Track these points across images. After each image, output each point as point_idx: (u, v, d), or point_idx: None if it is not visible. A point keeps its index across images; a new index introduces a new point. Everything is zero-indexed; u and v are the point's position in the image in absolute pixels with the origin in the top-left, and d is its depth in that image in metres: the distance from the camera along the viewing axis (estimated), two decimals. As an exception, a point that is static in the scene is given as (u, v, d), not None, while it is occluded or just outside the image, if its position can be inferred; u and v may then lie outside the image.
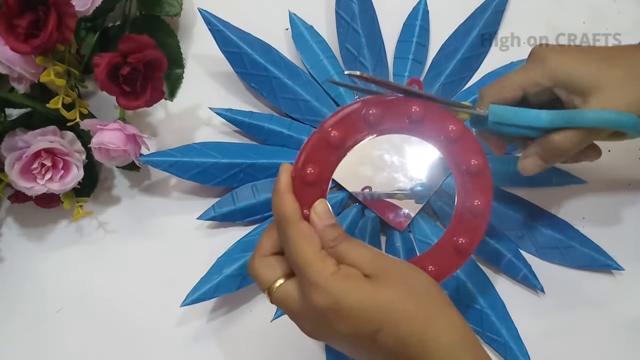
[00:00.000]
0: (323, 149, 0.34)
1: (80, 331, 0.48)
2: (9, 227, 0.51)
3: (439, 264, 0.36)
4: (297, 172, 0.34)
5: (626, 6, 0.58)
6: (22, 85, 0.46)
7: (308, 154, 0.34)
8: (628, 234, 0.49)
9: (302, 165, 0.34)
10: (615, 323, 0.47)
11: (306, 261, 0.31)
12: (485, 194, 0.36)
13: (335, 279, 0.30)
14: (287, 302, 0.32)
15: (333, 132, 0.34)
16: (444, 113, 0.36)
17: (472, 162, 0.36)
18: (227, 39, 0.51)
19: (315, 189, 0.34)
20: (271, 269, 0.33)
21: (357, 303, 0.30)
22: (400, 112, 0.35)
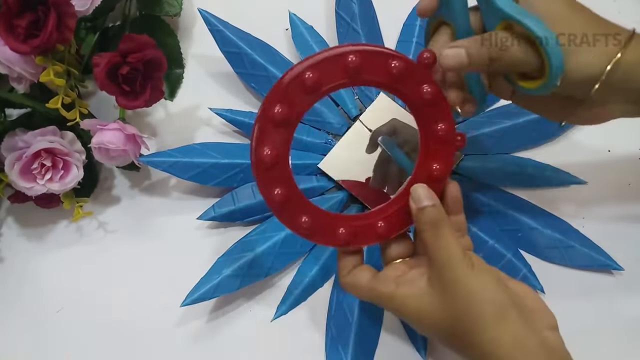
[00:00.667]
0: (296, 90, 0.33)
1: (80, 331, 0.48)
2: (9, 227, 0.51)
3: (389, 221, 0.37)
4: (264, 111, 0.33)
5: (626, 6, 0.58)
6: (21, 85, 0.46)
7: (278, 93, 0.33)
8: (628, 234, 0.49)
9: (271, 104, 0.33)
10: (616, 323, 0.47)
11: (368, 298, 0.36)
12: (445, 161, 0.36)
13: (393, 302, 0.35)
14: None
15: (308, 74, 0.33)
16: (423, 74, 0.34)
17: (439, 127, 0.35)
18: (227, 39, 0.51)
19: (282, 129, 0.34)
20: None
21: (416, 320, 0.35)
22: (380, 65, 0.34)
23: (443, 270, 0.32)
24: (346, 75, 0.33)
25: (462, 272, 0.32)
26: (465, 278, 0.32)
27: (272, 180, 0.35)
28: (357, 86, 0.35)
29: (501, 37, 0.33)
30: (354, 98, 0.52)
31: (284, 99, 0.33)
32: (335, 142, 0.51)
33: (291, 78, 0.33)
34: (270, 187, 0.35)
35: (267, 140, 0.34)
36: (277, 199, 0.35)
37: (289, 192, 0.35)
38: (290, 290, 0.47)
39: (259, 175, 0.34)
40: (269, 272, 0.47)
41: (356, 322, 0.45)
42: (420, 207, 0.34)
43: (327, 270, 0.48)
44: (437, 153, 0.36)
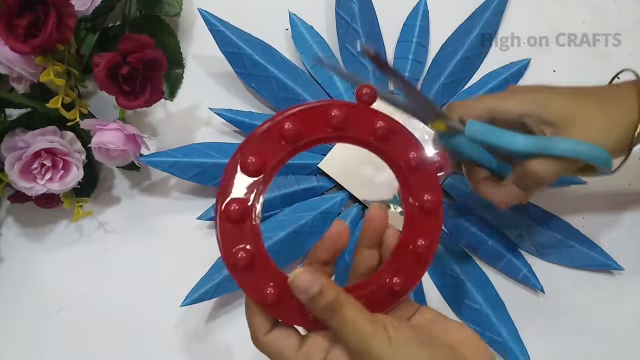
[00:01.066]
0: (273, 139, 0.30)
1: (80, 331, 0.48)
2: (9, 227, 0.51)
3: (404, 274, 0.32)
4: (236, 160, 0.30)
5: (626, 6, 0.58)
6: (21, 85, 0.46)
7: (252, 143, 0.30)
8: (628, 234, 0.49)
9: (243, 153, 0.30)
10: (615, 323, 0.47)
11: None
12: (432, 235, 0.32)
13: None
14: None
15: (287, 124, 0.30)
16: (409, 137, 0.32)
17: (425, 198, 0.32)
18: (227, 39, 0.51)
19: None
20: None
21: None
22: (366, 123, 0.32)
23: (360, 357, 0.28)
24: (330, 129, 0.31)
25: (379, 353, 0.28)
26: (383, 357, 0.28)
27: (259, 277, 0.30)
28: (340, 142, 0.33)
29: (532, 167, 0.36)
30: (354, 98, 0.52)
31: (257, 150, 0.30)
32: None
33: (267, 128, 0.30)
34: (259, 286, 0.30)
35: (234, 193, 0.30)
36: (271, 299, 0.30)
37: (281, 287, 0.30)
38: (290, 290, 0.47)
39: (238, 277, 0.30)
40: (269, 272, 0.47)
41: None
42: (311, 297, 0.29)
43: (327, 270, 0.48)
44: (422, 225, 0.32)
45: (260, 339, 0.30)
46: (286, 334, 0.31)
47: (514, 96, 0.38)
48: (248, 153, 0.30)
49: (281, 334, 0.30)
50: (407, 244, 0.32)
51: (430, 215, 0.32)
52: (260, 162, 0.30)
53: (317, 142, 0.31)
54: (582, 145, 0.35)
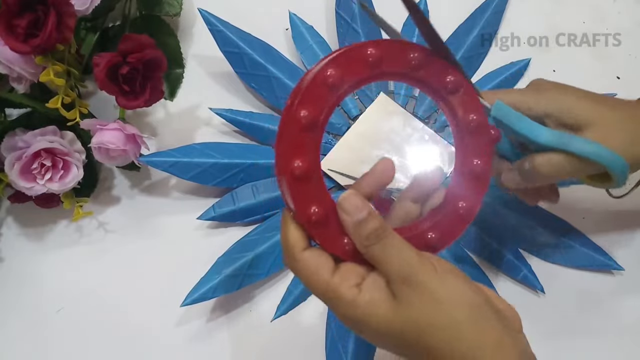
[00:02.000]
0: (318, 89, 0.30)
1: (80, 331, 0.48)
2: (9, 227, 0.51)
3: (440, 230, 0.32)
4: (290, 116, 0.29)
5: (626, 6, 0.58)
6: (21, 85, 0.46)
7: (302, 95, 0.30)
8: (628, 234, 0.49)
9: (296, 108, 0.29)
10: (616, 323, 0.47)
11: (321, 294, 0.29)
12: (484, 153, 0.33)
13: (354, 309, 0.28)
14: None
15: (330, 71, 0.30)
16: (442, 64, 0.32)
17: (470, 118, 0.32)
18: (227, 39, 0.51)
19: (310, 133, 0.30)
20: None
21: (380, 334, 0.29)
22: (399, 57, 0.32)
23: (403, 283, 0.28)
24: (368, 68, 0.31)
25: (425, 279, 0.28)
26: (430, 285, 0.28)
27: (307, 197, 0.29)
28: (379, 81, 0.33)
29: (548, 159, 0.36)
30: (354, 98, 0.52)
31: (308, 102, 0.30)
32: (336, 142, 0.51)
33: (312, 78, 0.30)
34: (306, 204, 0.29)
35: (296, 150, 0.29)
36: (315, 218, 0.29)
37: (326, 210, 0.30)
38: (290, 290, 0.47)
39: (293, 190, 0.29)
40: (269, 272, 0.47)
41: (356, 322, 0.45)
42: (358, 220, 0.28)
43: (327, 270, 0.48)
44: (474, 146, 0.33)
45: (298, 255, 0.29)
46: (323, 254, 0.30)
47: (537, 94, 0.38)
48: (299, 107, 0.29)
49: (318, 253, 0.30)
50: (449, 203, 0.32)
51: (476, 180, 0.33)
52: (313, 114, 0.29)
53: (359, 83, 0.31)
54: (605, 150, 0.35)
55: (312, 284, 0.29)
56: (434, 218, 0.32)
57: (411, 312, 0.28)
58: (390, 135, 0.50)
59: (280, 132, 0.30)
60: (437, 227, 0.32)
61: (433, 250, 0.32)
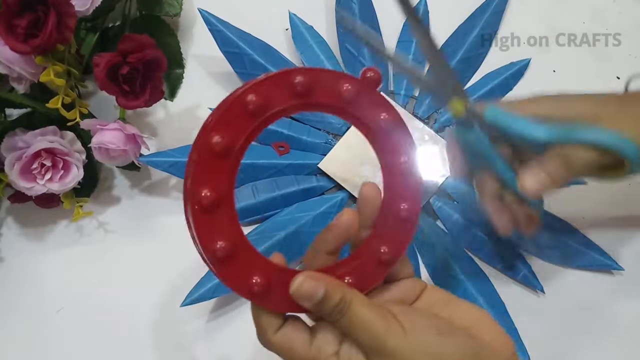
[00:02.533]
0: (237, 115, 0.28)
1: (80, 331, 0.48)
2: (9, 227, 0.51)
3: (358, 275, 0.31)
4: (202, 140, 0.28)
5: (626, 6, 0.58)
6: (22, 85, 0.46)
7: (217, 119, 0.28)
8: (628, 234, 0.49)
9: (209, 132, 0.27)
10: (615, 323, 0.47)
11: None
12: (412, 196, 0.31)
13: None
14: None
15: (250, 97, 0.28)
16: (379, 99, 0.31)
17: (401, 160, 0.31)
18: (227, 39, 0.51)
19: (223, 160, 0.28)
20: None
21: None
22: (331, 88, 0.30)
23: (375, 355, 0.28)
24: (295, 97, 0.29)
25: (394, 344, 0.27)
26: (400, 351, 0.27)
27: (213, 230, 0.28)
28: (307, 111, 0.31)
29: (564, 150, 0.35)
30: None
31: (224, 127, 0.28)
32: (336, 142, 0.51)
33: (230, 102, 0.28)
34: (212, 238, 0.28)
35: (205, 178, 0.27)
36: (220, 254, 0.28)
37: (234, 244, 0.28)
38: (290, 290, 0.47)
39: (198, 221, 0.28)
40: (269, 272, 0.47)
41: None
42: (316, 303, 0.28)
43: (327, 270, 0.48)
44: (402, 188, 0.31)
45: (270, 338, 0.30)
46: (296, 329, 0.29)
47: (535, 101, 0.37)
48: (213, 133, 0.27)
49: (291, 330, 0.29)
50: (390, 211, 0.31)
51: (407, 177, 0.31)
52: (228, 142, 0.28)
53: (282, 113, 0.29)
54: (608, 133, 0.33)
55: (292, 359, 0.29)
56: (380, 232, 0.31)
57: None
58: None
59: (190, 157, 0.28)
60: (387, 239, 0.31)
61: (388, 265, 0.31)
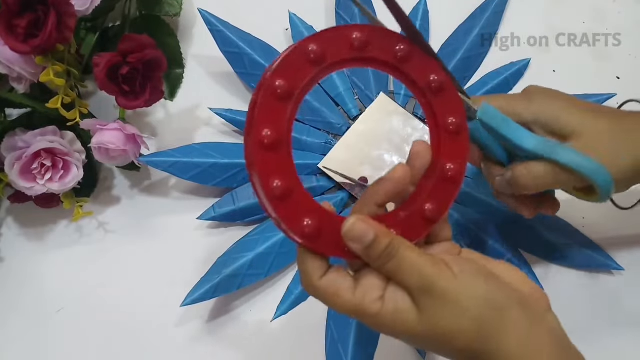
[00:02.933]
0: (297, 61, 0.30)
1: (80, 331, 0.48)
2: (9, 227, 0.51)
3: (402, 228, 0.31)
4: (265, 84, 0.29)
5: (626, 6, 0.58)
6: (21, 85, 0.46)
7: (279, 65, 0.29)
8: (628, 233, 0.49)
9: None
10: (616, 323, 0.47)
11: (348, 313, 0.30)
12: (460, 156, 0.32)
13: (382, 320, 0.29)
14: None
15: (312, 46, 0.30)
16: (429, 61, 0.32)
17: (449, 121, 0.32)
18: (227, 39, 0.51)
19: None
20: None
21: (410, 338, 0.30)
22: (386, 46, 0.31)
23: (424, 294, 0.28)
24: (352, 50, 0.31)
25: (445, 286, 0.28)
26: (451, 292, 0.28)
27: (271, 169, 0.29)
28: (362, 67, 0.32)
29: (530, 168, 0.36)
30: (354, 98, 0.53)
31: (285, 72, 0.29)
32: (336, 142, 0.51)
33: (292, 49, 0.30)
34: (269, 176, 0.29)
35: (267, 119, 0.29)
36: (277, 192, 0.29)
37: (290, 184, 0.29)
38: (290, 290, 0.47)
39: (257, 159, 0.28)
40: (269, 272, 0.47)
41: (356, 322, 0.45)
42: (367, 246, 0.29)
43: (327, 270, 0.48)
44: (449, 149, 0.32)
45: (315, 283, 0.30)
46: (340, 275, 0.30)
47: (527, 101, 0.37)
48: (276, 77, 0.29)
49: (336, 276, 0.30)
50: (436, 169, 0.32)
51: (456, 136, 0.32)
52: (289, 86, 0.29)
53: (340, 64, 0.31)
54: (588, 161, 0.34)
55: (337, 306, 0.30)
56: (426, 189, 0.32)
57: (438, 321, 0.28)
58: (390, 135, 0.50)
59: (253, 99, 0.29)
60: (432, 197, 0.32)
61: (432, 222, 0.32)
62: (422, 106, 0.33)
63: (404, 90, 0.53)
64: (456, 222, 0.49)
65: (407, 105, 0.53)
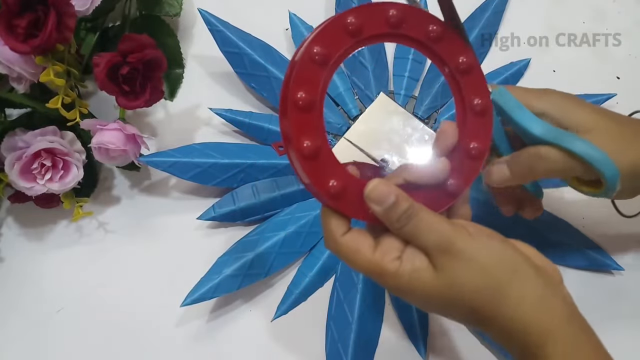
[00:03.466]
0: (337, 31, 0.31)
1: (80, 331, 0.48)
2: (9, 227, 0.51)
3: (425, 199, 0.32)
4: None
5: (626, 6, 0.58)
6: (21, 85, 0.46)
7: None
8: (628, 233, 0.49)
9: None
10: (615, 323, 0.47)
11: (366, 271, 0.31)
12: (483, 136, 0.34)
13: (399, 279, 0.30)
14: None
15: (350, 18, 0.31)
16: (459, 43, 0.34)
17: (475, 102, 0.34)
18: (227, 39, 0.51)
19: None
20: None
21: (426, 297, 0.31)
22: (420, 24, 0.33)
23: (443, 253, 0.30)
24: (387, 26, 0.32)
25: (464, 246, 0.30)
26: (469, 250, 0.29)
27: (303, 129, 0.30)
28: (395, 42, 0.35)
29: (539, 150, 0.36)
30: (354, 98, 0.53)
31: (325, 40, 0.31)
32: (336, 141, 0.51)
33: (332, 21, 0.31)
34: (300, 137, 0.30)
35: (303, 81, 0.30)
36: (306, 151, 0.30)
37: (318, 146, 0.30)
38: (290, 290, 0.47)
39: (292, 117, 0.30)
40: (269, 272, 0.47)
41: (356, 322, 0.45)
42: (387, 207, 0.30)
43: (327, 270, 0.48)
44: (475, 129, 0.34)
45: (338, 239, 0.31)
46: (362, 234, 0.31)
47: (541, 94, 0.38)
48: (314, 44, 0.31)
49: (358, 234, 0.31)
50: (460, 147, 0.33)
51: (480, 117, 0.34)
52: (326, 53, 0.31)
53: (375, 38, 0.33)
54: (598, 152, 0.34)
55: (356, 263, 0.31)
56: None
57: (454, 279, 0.29)
58: (390, 135, 0.50)
59: (292, 61, 0.31)
60: (454, 173, 0.33)
61: (453, 196, 0.33)
62: (450, 86, 0.35)
63: (404, 90, 0.53)
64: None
65: (407, 105, 0.53)
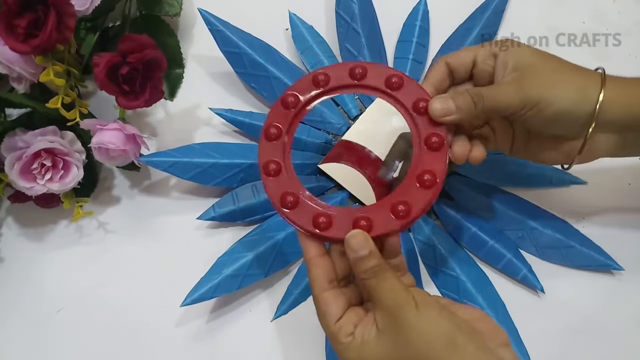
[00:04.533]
0: (308, 83, 0.39)
1: (80, 331, 0.48)
2: (9, 227, 0.51)
3: (373, 220, 0.35)
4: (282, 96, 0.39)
5: (626, 6, 0.58)
6: (21, 85, 0.46)
7: (292, 86, 0.39)
8: (628, 234, 0.49)
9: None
10: (615, 323, 0.47)
11: (327, 334, 0.35)
12: (438, 169, 0.36)
13: (349, 353, 0.33)
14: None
15: (320, 76, 0.39)
16: (418, 88, 0.38)
17: (432, 139, 0.36)
18: (227, 39, 0.51)
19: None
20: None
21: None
22: (381, 77, 0.38)
23: (391, 316, 0.32)
24: (352, 78, 0.39)
25: (409, 315, 0.32)
26: (412, 320, 0.32)
27: (270, 152, 0.38)
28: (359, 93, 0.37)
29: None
30: (354, 98, 0.53)
31: (297, 90, 0.39)
32: (336, 142, 0.51)
33: (305, 76, 0.40)
34: (266, 157, 0.38)
35: (276, 120, 0.39)
36: (271, 168, 0.37)
37: (280, 164, 0.37)
38: (290, 290, 0.47)
39: (262, 146, 0.38)
40: (268, 272, 0.47)
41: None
42: (359, 257, 0.33)
43: (327, 270, 0.48)
44: (428, 160, 0.36)
45: (317, 293, 0.35)
46: (337, 298, 0.34)
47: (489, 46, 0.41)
48: (289, 92, 0.39)
49: (334, 297, 0.34)
50: (414, 177, 0.36)
51: (436, 151, 0.36)
52: (296, 99, 0.39)
53: (340, 88, 0.39)
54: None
55: (321, 323, 0.35)
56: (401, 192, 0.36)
57: (396, 346, 0.32)
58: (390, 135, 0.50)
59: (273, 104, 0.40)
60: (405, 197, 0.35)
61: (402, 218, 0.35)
62: (408, 124, 0.38)
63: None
64: (456, 222, 0.49)
65: (407, 105, 0.53)
